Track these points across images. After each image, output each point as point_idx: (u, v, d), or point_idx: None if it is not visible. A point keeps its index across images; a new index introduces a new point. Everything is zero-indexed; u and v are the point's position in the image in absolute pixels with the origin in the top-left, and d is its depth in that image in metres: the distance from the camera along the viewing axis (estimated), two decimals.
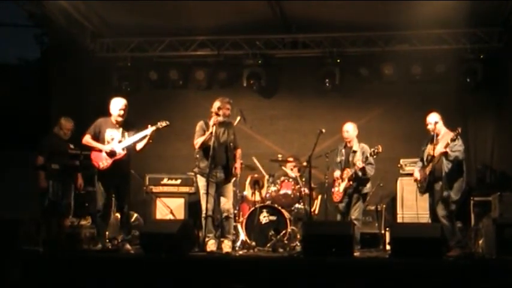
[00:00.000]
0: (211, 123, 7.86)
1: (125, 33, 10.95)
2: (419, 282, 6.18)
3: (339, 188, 8.62)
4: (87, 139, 8.01)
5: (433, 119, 8.06)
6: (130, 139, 7.93)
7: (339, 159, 8.78)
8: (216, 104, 8.00)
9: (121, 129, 8.02)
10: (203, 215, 7.81)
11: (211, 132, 7.82)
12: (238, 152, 8.23)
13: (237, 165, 8.15)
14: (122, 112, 7.97)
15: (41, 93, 11.80)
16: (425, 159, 8.13)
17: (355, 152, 8.59)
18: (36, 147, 8.72)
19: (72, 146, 8.74)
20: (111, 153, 7.89)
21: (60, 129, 8.72)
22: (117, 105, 8.01)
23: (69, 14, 10.20)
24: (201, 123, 8.11)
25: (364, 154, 8.52)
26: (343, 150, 8.76)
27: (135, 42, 11.09)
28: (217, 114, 7.92)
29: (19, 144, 11.15)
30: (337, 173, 8.71)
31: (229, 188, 8.11)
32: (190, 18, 10.34)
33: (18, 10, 10.37)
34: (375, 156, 8.45)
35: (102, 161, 7.89)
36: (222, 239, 7.99)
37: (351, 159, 8.59)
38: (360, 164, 8.41)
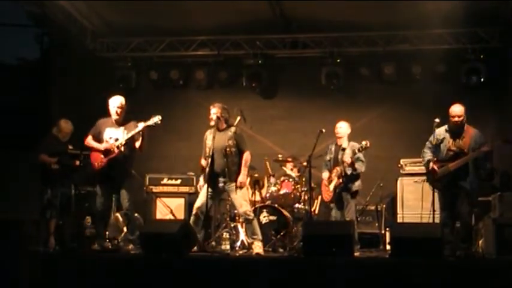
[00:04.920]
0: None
1: (125, 33, 10.96)
2: (420, 283, 6.16)
3: (329, 187, 8.57)
4: (88, 140, 8.01)
5: (461, 110, 7.69)
6: (124, 137, 7.91)
7: (328, 158, 8.70)
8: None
9: (121, 128, 7.97)
10: (193, 212, 7.88)
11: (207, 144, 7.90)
12: (244, 157, 7.93)
13: (241, 176, 7.85)
14: (118, 110, 7.92)
15: (40, 93, 11.78)
16: (444, 153, 7.70)
17: (344, 149, 8.53)
18: (34, 147, 8.71)
19: (71, 147, 8.72)
20: (106, 152, 7.87)
21: (59, 131, 8.68)
22: (113, 103, 7.98)
23: (69, 14, 10.22)
24: (205, 136, 8.06)
25: (353, 151, 8.48)
26: (333, 149, 8.68)
27: (135, 42, 11.11)
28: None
29: (19, 144, 11.13)
30: (325, 175, 8.62)
31: (237, 193, 7.88)
32: (191, 18, 10.36)
33: (18, 10, 10.39)
34: (363, 152, 8.35)
35: (98, 161, 7.88)
36: (251, 241, 7.98)
37: (340, 157, 8.52)
38: (348, 159, 8.36)
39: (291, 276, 6.43)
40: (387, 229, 9.14)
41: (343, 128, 8.64)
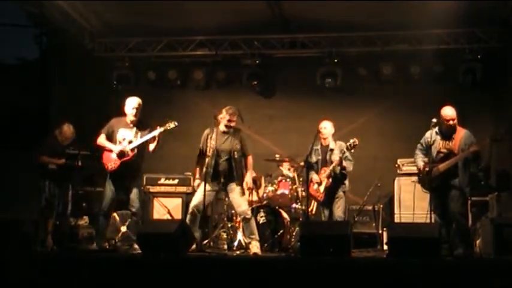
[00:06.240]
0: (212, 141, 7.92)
1: (124, 33, 10.95)
2: (417, 283, 6.16)
3: (320, 188, 8.50)
4: (101, 139, 7.97)
5: (454, 113, 7.65)
6: (139, 140, 7.88)
7: (315, 159, 8.60)
8: (222, 113, 8.03)
9: (134, 129, 7.97)
10: (189, 210, 7.91)
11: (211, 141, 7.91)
12: (249, 161, 8.15)
13: (248, 178, 8.09)
14: (134, 111, 7.91)
15: (40, 93, 11.80)
16: (435, 155, 7.70)
17: (332, 150, 8.49)
18: (35, 147, 8.73)
19: (71, 147, 8.72)
20: (120, 154, 7.85)
21: (60, 133, 8.70)
22: (131, 104, 7.97)
23: (68, 14, 10.22)
24: (205, 134, 8.10)
25: (342, 151, 8.44)
26: (319, 150, 8.61)
27: (133, 42, 11.10)
28: (226, 121, 8.00)
29: (19, 144, 11.14)
30: (315, 177, 8.53)
31: (237, 193, 8.01)
32: (189, 18, 10.34)
33: (17, 10, 10.40)
34: (352, 151, 8.30)
35: (111, 162, 7.86)
36: (248, 241, 8.03)
37: (328, 157, 8.49)
38: (336, 157, 8.32)
39: (288, 277, 6.43)
40: (385, 229, 9.12)
41: (327, 128, 8.59)
